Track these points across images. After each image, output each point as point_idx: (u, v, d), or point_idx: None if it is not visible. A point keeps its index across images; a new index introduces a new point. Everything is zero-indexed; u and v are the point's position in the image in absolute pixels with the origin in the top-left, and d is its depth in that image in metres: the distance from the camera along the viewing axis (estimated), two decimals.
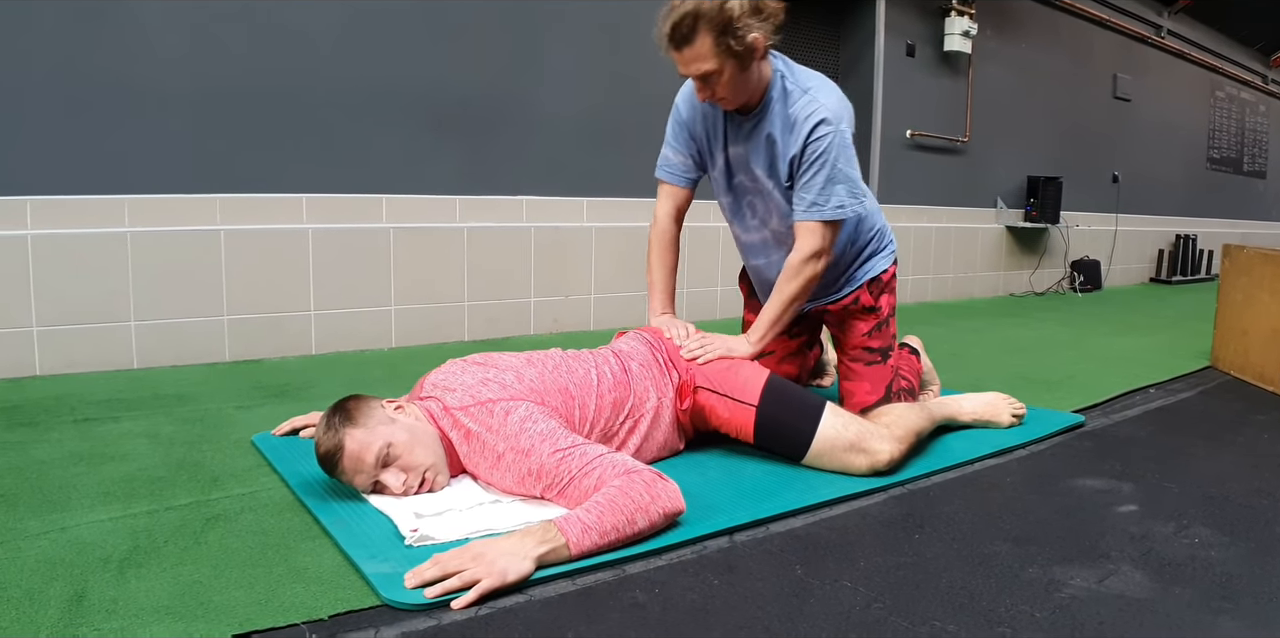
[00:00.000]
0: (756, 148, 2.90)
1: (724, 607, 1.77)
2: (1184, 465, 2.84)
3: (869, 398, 3.08)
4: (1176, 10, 10.67)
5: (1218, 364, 4.63)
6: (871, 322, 3.16)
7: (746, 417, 2.66)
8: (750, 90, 2.77)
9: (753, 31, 2.59)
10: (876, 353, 3.15)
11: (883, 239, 3.23)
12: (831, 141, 2.75)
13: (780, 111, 2.82)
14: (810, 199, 2.80)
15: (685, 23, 2.59)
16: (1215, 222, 12.13)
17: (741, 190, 3.08)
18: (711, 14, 2.56)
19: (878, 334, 3.16)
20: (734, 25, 2.57)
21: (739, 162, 2.99)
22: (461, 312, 5.02)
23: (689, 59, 2.66)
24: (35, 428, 3.02)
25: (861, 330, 3.17)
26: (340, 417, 2.25)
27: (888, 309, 3.20)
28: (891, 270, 3.22)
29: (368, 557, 1.94)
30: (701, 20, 2.57)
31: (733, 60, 2.63)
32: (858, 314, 3.17)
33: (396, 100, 4.74)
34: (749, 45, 2.61)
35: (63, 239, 3.84)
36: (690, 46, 2.62)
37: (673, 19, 2.62)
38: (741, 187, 3.07)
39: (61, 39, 3.80)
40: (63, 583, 1.81)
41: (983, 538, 2.17)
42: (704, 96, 2.78)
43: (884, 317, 3.18)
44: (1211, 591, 1.88)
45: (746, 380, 2.70)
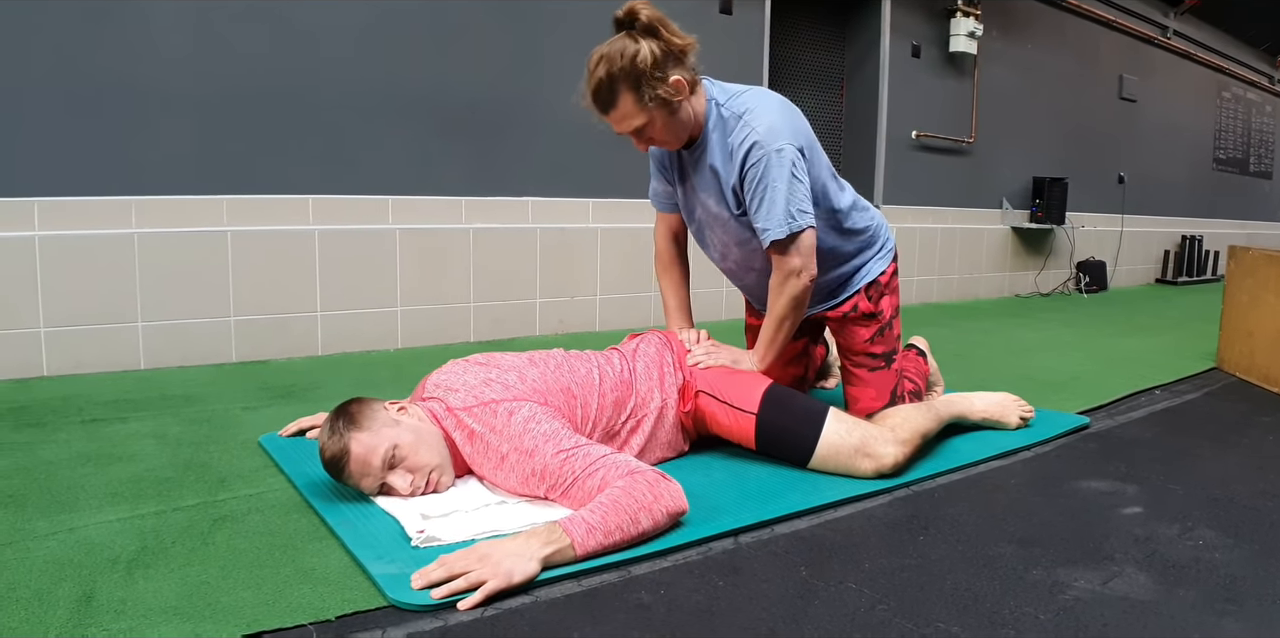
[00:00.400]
0: (703, 179, 2.89)
1: (729, 608, 1.78)
2: (1189, 467, 2.85)
3: (874, 404, 3.08)
4: (1183, 11, 10.66)
5: (1223, 366, 4.62)
6: (873, 327, 3.14)
7: (747, 425, 2.66)
8: (687, 128, 2.76)
9: (671, 75, 2.60)
10: (880, 358, 3.14)
11: (875, 239, 3.17)
12: (766, 165, 2.69)
13: (719, 141, 2.80)
14: (761, 226, 2.76)
15: (603, 88, 2.61)
16: (1221, 222, 12.12)
17: (702, 223, 3.07)
18: (625, 73, 2.57)
19: (880, 340, 3.14)
20: (650, 77, 2.57)
21: (692, 194, 2.99)
22: (467, 313, 5.03)
23: (617, 119, 2.67)
24: (43, 429, 3.03)
25: (863, 336, 3.15)
26: (344, 421, 2.25)
27: (890, 311, 3.18)
28: (890, 270, 3.18)
29: (374, 558, 1.94)
30: (617, 81, 2.58)
31: (660, 109, 2.63)
32: (858, 321, 3.15)
33: (402, 102, 4.75)
34: (670, 90, 2.60)
35: (70, 240, 3.86)
36: (615, 109, 2.64)
37: (591, 87, 2.64)
38: (702, 220, 3.05)
39: (68, 40, 3.82)
40: (71, 584, 1.82)
41: (987, 540, 2.18)
42: (644, 147, 2.81)
43: (885, 320, 3.16)
44: (1215, 593, 1.88)
45: (747, 388, 2.70)
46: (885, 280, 3.16)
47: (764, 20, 6.23)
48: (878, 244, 3.18)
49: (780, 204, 2.71)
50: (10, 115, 3.74)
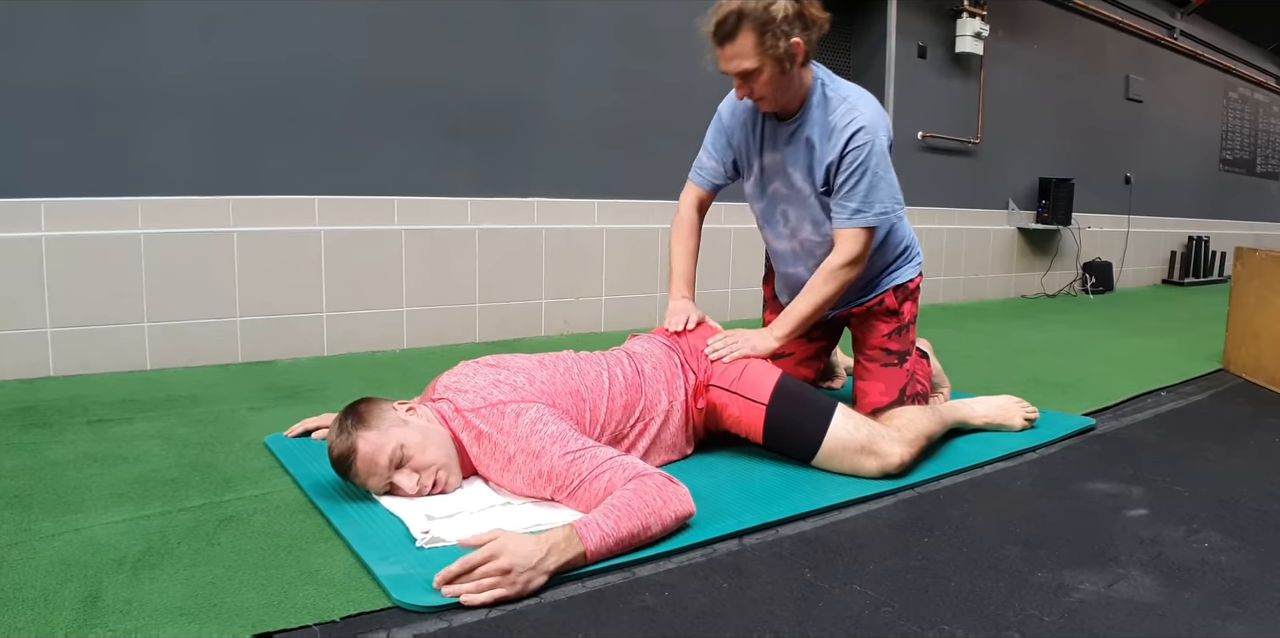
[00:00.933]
0: (795, 152, 2.93)
1: (733, 610, 1.78)
2: (1195, 469, 2.84)
3: (882, 399, 3.08)
4: (1189, 11, 10.65)
5: (1229, 367, 4.62)
6: (894, 324, 3.16)
7: (756, 416, 2.67)
8: (789, 94, 2.82)
9: (794, 36, 2.64)
10: (894, 355, 3.15)
11: (911, 251, 3.26)
12: (870, 150, 2.78)
13: (820, 118, 2.86)
14: (853, 207, 2.84)
15: (729, 20, 2.63)
16: (1228, 223, 12.11)
17: (776, 198, 3.10)
18: (755, 13, 2.60)
19: (898, 337, 3.16)
20: (776, 27, 2.61)
21: (775, 168, 3.02)
22: (473, 313, 5.03)
23: (730, 55, 2.69)
24: (49, 429, 3.03)
25: (883, 331, 3.17)
26: (352, 420, 2.26)
27: (909, 317, 3.20)
28: (917, 280, 3.23)
29: (379, 558, 1.95)
30: (745, 19, 2.61)
31: (772, 61, 2.67)
32: (881, 315, 3.18)
33: (409, 103, 4.76)
34: (789, 48, 2.65)
35: (76, 241, 3.86)
36: (732, 43, 2.66)
37: (718, 16, 2.65)
38: (776, 194, 3.09)
39: (74, 41, 3.82)
40: (77, 584, 1.82)
41: (992, 542, 2.18)
42: (742, 94, 2.81)
43: (905, 322, 3.18)
44: (1221, 596, 1.88)
45: (758, 379, 2.70)
46: (912, 287, 3.21)
47: None
48: (913, 255, 3.26)
49: (883, 190, 2.83)
50: (16, 116, 3.75)
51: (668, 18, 5.68)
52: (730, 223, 6.04)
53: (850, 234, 2.88)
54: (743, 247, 6.13)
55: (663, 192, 5.73)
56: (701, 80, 5.69)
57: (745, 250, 6.14)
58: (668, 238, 3.26)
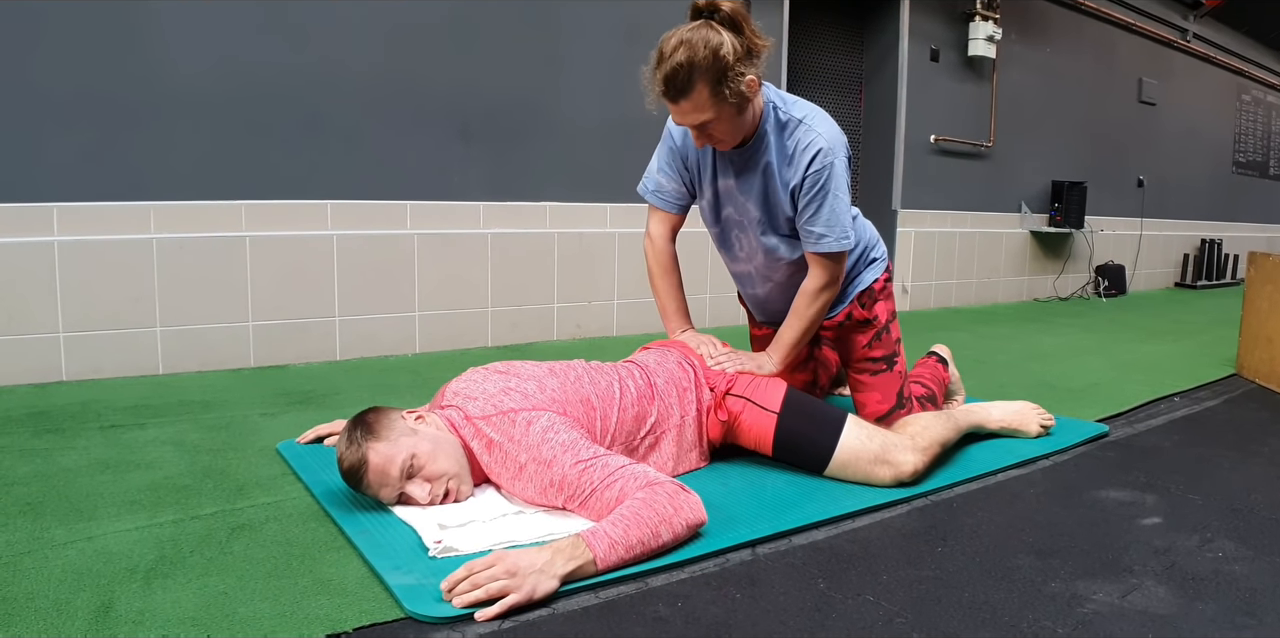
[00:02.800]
0: (750, 179, 2.85)
1: (746, 621, 1.78)
2: (1209, 476, 2.83)
3: (880, 407, 3.09)
4: (1202, 14, 10.61)
5: (1243, 372, 4.60)
6: (870, 333, 3.15)
7: (767, 425, 2.66)
8: (746, 128, 2.73)
9: (748, 75, 2.54)
10: (881, 362, 3.15)
11: (869, 253, 3.19)
12: (830, 173, 2.72)
13: (776, 143, 2.78)
14: (819, 232, 2.78)
15: (680, 76, 2.51)
16: (1241, 226, 12.07)
17: (729, 223, 3.06)
18: (707, 64, 2.49)
19: (878, 344, 3.15)
20: (729, 73, 2.50)
21: (728, 194, 2.95)
22: (485, 317, 5.03)
23: (685, 110, 2.59)
24: (62, 435, 3.04)
25: (861, 342, 3.17)
26: (362, 431, 2.25)
27: (885, 316, 3.18)
28: (882, 278, 3.19)
29: (392, 568, 1.94)
30: (696, 71, 2.49)
31: (729, 106, 2.57)
32: (854, 328, 3.17)
33: (421, 107, 4.76)
34: (744, 90, 2.55)
35: (89, 245, 3.87)
36: (687, 99, 2.54)
37: (666, 71, 2.53)
38: (729, 220, 3.04)
39: (86, 46, 3.83)
40: (90, 593, 1.82)
41: (1006, 551, 2.17)
42: (701, 143, 2.74)
43: (881, 325, 3.16)
44: (1235, 606, 1.87)
45: (769, 389, 2.70)
46: (878, 287, 3.17)
47: (782, 24, 6.23)
48: (870, 256, 3.19)
49: (842, 215, 2.76)
50: (30, 121, 3.76)
51: (679, 21, 5.67)
52: None
53: (820, 260, 2.85)
54: None
55: None
56: None
57: None
58: (679, 242, 3.22)
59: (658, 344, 2.95)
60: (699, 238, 5.85)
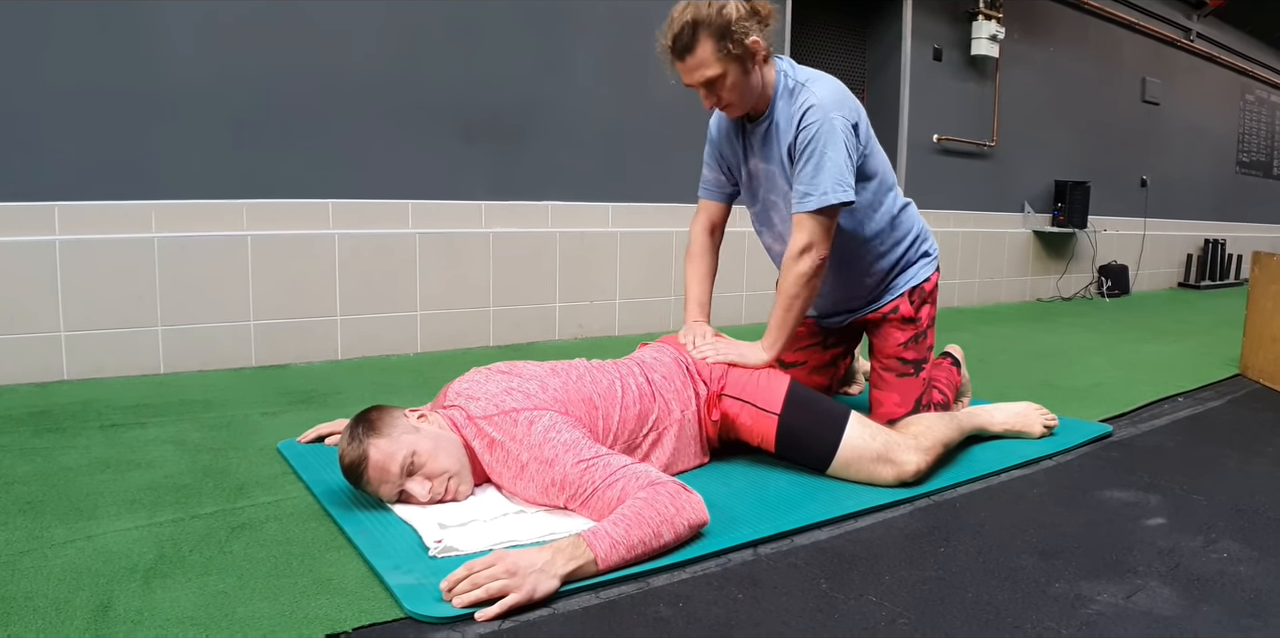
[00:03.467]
0: (769, 150, 2.92)
1: (748, 621, 1.77)
2: (1213, 477, 2.82)
3: (897, 410, 3.06)
4: (1206, 13, 10.60)
5: (1247, 372, 4.59)
6: (910, 332, 3.14)
7: (769, 425, 2.65)
8: (755, 95, 2.80)
9: (751, 34, 2.65)
10: (910, 364, 3.13)
11: (922, 245, 3.19)
12: (819, 129, 2.73)
13: (784, 109, 2.84)
14: (802, 190, 2.78)
15: (685, 32, 2.64)
16: (1245, 226, 12.05)
17: (766, 203, 3.11)
18: (710, 20, 2.61)
19: (914, 345, 3.14)
20: (732, 29, 2.61)
21: (759, 172, 3.02)
22: (487, 317, 5.02)
23: (692, 67, 2.69)
24: (62, 434, 3.03)
25: (898, 339, 3.15)
26: (363, 428, 2.25)
27: (927, 321, 3.17)
28: (934, 279, 3.19)
29: (392, 567, 1.94)
30: (700, 27, 2.62)
31: (734, 64, 2.67)
32: (896, 323, 3.15)
33: (423, 106, 4.75)
34: (748, 48, 2.66)
35: (90, 245, 3.87)
36: (692, 54, 2.66)
37: (673, 30, 2.66)
38: (766, 199, 3.10)
39: (87, 45, 3.83)
40: (89, 593, 1.82)
41: (1009, 551, 2.16)
42: (710, 103, 2.81)
43: (922, 328, 3.15)
44: (1240, 608, 1.86)
45: (770, 388, 2.69)
46: (929, 289, 3.16)
47: (784, 23, 6.21)
48: (924, 248, 3.19)
49: (828, 171, 2.73)
50: (30, 120, 3.75)
51: None
52: (744, 226, 6.02)
53: (798, 220, 2.81)
54: (756, 249, 6.10)
55: (677, 195, 5.72)
56: None
57: (760, 254, 6.12)
58: (683, 240, 3.24)
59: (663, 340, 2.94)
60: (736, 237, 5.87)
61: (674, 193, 5.71)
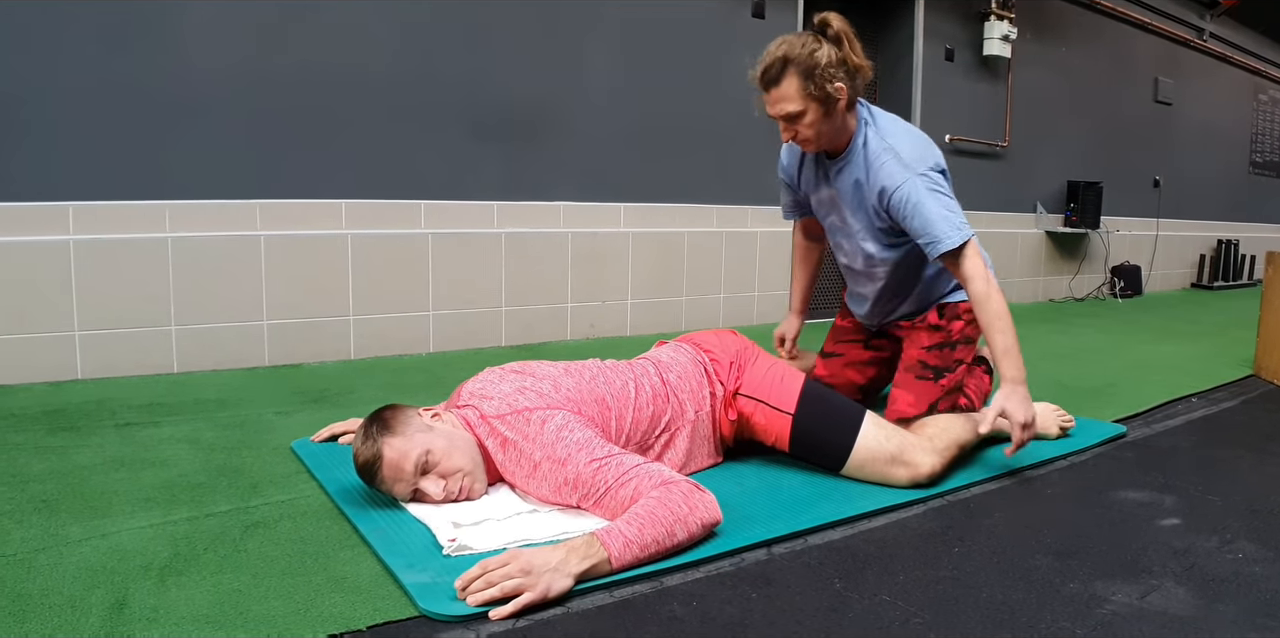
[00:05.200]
0: (844, 191, 3.06)
1: (762, 621, 1.77)
2: (1227, 477, 2.82)
3: (909, 410, 3.05)
4: (1219, 13, 10.57)
5: (1261, 373, 4.58)
6: (936, 338, 3.16)
7: (783, 425, 2.65)
8: (832, 137, 2.94)
9: (836, 81, 2.78)
10: (930, 370, 3.13)
11: None
12: (909, 194, 2.85)
13: (862, 161, 2.96)
14: (926, 241, 2.86)
15: (775, 66, 2.79)
16: (1258, 226, 12.02)
17: (833, 228, 3.25)
18: (800, 59, 2.76)
19: (938, 353, 3.14)
20: (818, 71, 2.75)
21: (829, 202, 3.16)
22: (499, 317, 5.03)
23: (775, 99, 2.84)
24: (77, 433, 3.04)
25: (922, 343, 3.17)
26: (378, 426, 2.26)
27: (958, 336, 3.18)
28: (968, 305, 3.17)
29: (406, 566, 1.94)
30: (790, 64, 2.77)
31: (816, 104, 2.81)
32: (924, 329, 3.20)
33: (436, 107, 4.76)
34: (831, 93, 2.79)
35: (104, 244, 3.88)
36: (777, 88, 2.81)
37: (764, 63, 2.82)
38: (832, 225, 3.24)
39: (102, 46, 3.84)
40: (104, 591, 1.82)
41: (1023, 551, 2.16)
42: (787, 137, 2.95)
43: (950, 340, 3.17)
44: (1255, 608, 1.85)
45: (785, 387, 2.69)
46: (964, 308, 3.18)
47: (796, 24, 6.21)
48: None
49: (937, 218, 2.83)
50: (45, 120, 3.76)
51: (696, 21, 5.67)
52: (756, 226, 6.03)
53: (947, 263, 2.91)
54: (769, 250, 6.11)
55: (689, 195, 5.72)
56: (727, 84, 5.68)
57: (772, 254, 6.13)
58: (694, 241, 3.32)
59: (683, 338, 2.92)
60: (748, 238, 5.90)
61: (686, 193, 5.71)
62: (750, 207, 5.99)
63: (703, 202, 5.80)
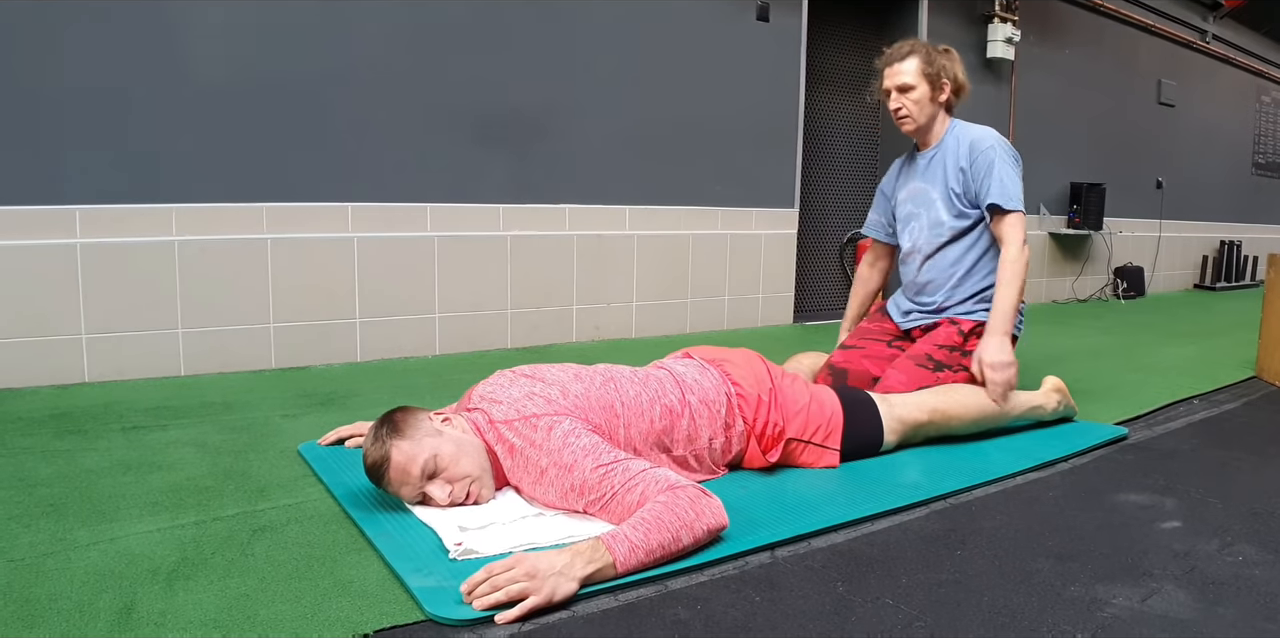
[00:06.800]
0: (932, 174, 3.58)
1: (765, 624, 1.78)
2: (1228, 480, 2.83)
3: (898, 387, 3.29)
4: (1222, 15, 10.57)
5: (1263, 375, 4.59)
6: (952, 341, 3.43)
7: (831, 459, 2.80)
8: (929, 119, 3.54)
9: (948, 77, 3.50)
10: (932, 362, 3.36)
11: None
12: (995, 155, 3.40)
13: (953, 144, 3.54)
14: (991, 196, 3.39)
15: (905, 47, 3.50)
16: (1260, 227, 12.01)
17: (909, 217, 3.68)
18: (925, 49, 3.48)
19: (947, 352, 3.40)
20: (936, 61, 3.47)
21: (913, 192, 3.65)
22: (505, 319, 5.04)
23: (896, 72, 3.49)
24: (84, 436, 3.06)
25: (936, 340, 3.44)
26: (387, 429, 2.27)
27: (972, 348, 3.40)
28: None
29: (413, 570, 1.96)
30: (917, 48, 3.49)
31: (927, 83, 3.47)
32: (944, 327, 3.48)
33: (442, 110, 4.77)
34: (940, 81, 3.49)
35: (111, 248, 3.89)
36: (901, 62, 3.48)
37: (896, 46, 3.53)
38: (910, 214, 3.67)
39: (108, 48, 3.85)
40: (112, 595, 1.84)
41: (1025, 554, 2.17)
42: (893, 106, 3.53)
43: (964, 348, 3.42)
44: (1256, 611, 1.86)
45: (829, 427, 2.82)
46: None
47: (801, 27, 6.22)
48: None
49: (1009, 182, 3.39)
50: (49, 124, 3.78)
51: (700, 24, 5.68)
52: (761, 229, 6.04)
53: (1006, 222, 3.39)
54: (773, 252, 6.12)
55: (694, 198, 5.73)
56: (732, 87, 5.69)
57: (776, 256, 6.14)
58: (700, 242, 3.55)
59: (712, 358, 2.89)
60: (752, 239, 5.91)
61: (691, 196, 5.72)
62: (755, 209, 6.00)
63: (708, 204, 5.81)
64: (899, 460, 2.91)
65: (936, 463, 2.88)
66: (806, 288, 6.63)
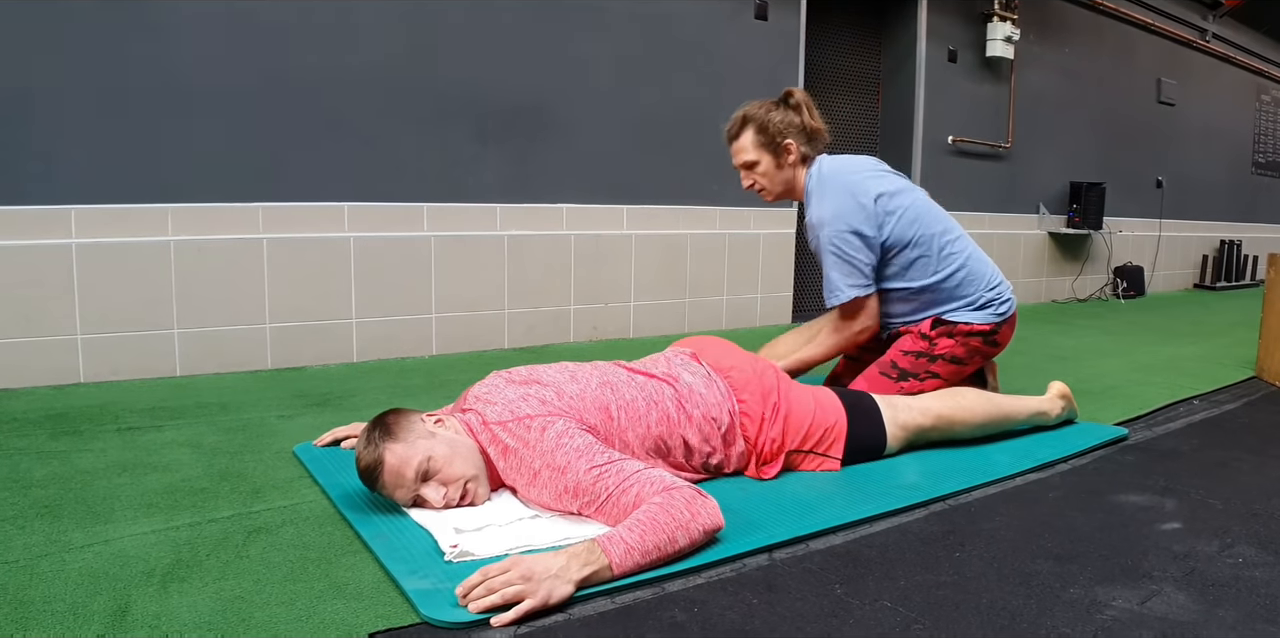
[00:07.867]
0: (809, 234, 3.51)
1: (763, 627, 1.77)
2: (1228, 480, 2.82)
3: None
4: (1221, 14, 10.57)
5: (1263, 375, 4.58)
6: (919, 346, 3.36)
7: (831, 466, 2.78)
8: (784, 186, 3.49)
9: (788, 138, 3.38)
10: (896, 370, 3.35)
11: (973, 292, 3.43)
12: (818, 246, 3.38)
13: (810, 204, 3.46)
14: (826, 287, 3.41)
15: (736, 123, 3.45)
16: (1261, 227, 12.01)
17: None
18: (757, 118, 3.39)
19: (913, 359, 3.35)
20: (773, 131, 3.37)
21: None
22: (502, 319, 5.03)
23: (735, 150, 3.46)
24: (79, 437, 3.05)
25: (904, 346, 3.38)
26: (380, 432, 2.26)
27: (943, 351, 3.34)
28: (972, 327, 3.37)
29: (408, 572, 1.95)
30: (748, 121, 3.41)
31: (768, 154, 3.41)
32: (912, 334, 3.41)
33: (438, 108, 4.76)
34: (781, 147, 3.39)
35: (106, 248, 3.88)
36: (736, 141, 3.45)
37: (730, 122, 3.47)
38: None
39: (103, 47, 3.84)
40: (106, 597, 1.83)
41: (1024, 556, 2.16)
42: (746, 184, 3.51)
43: (932, 353, 3.34)
44: (1256, 613, 1.85)
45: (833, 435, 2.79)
46: (964, 329, 3.37)
47: (799, 26, 6.22)
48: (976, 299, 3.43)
49: (832, 278, 3.35)
50: (47, 123, 3.77)
51: (698, 23, 5.68)
52: (759, 228, 6.03)
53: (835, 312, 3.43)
54: (771, 252, 6.12)
55: (691, 197, 5.73)
56: (730, 86, 5.68)
57: (774, 256, 6.13)
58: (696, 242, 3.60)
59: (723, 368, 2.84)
60: (750, 239, 5.91)
61: (688, 195, 5.72)
62: (753, 209, 5.99)
63: (704, 204, 5.80)
64: (898, 462, 2.89)
65: (935, 464, 2.87)
66: (805, 288, 6.61)
